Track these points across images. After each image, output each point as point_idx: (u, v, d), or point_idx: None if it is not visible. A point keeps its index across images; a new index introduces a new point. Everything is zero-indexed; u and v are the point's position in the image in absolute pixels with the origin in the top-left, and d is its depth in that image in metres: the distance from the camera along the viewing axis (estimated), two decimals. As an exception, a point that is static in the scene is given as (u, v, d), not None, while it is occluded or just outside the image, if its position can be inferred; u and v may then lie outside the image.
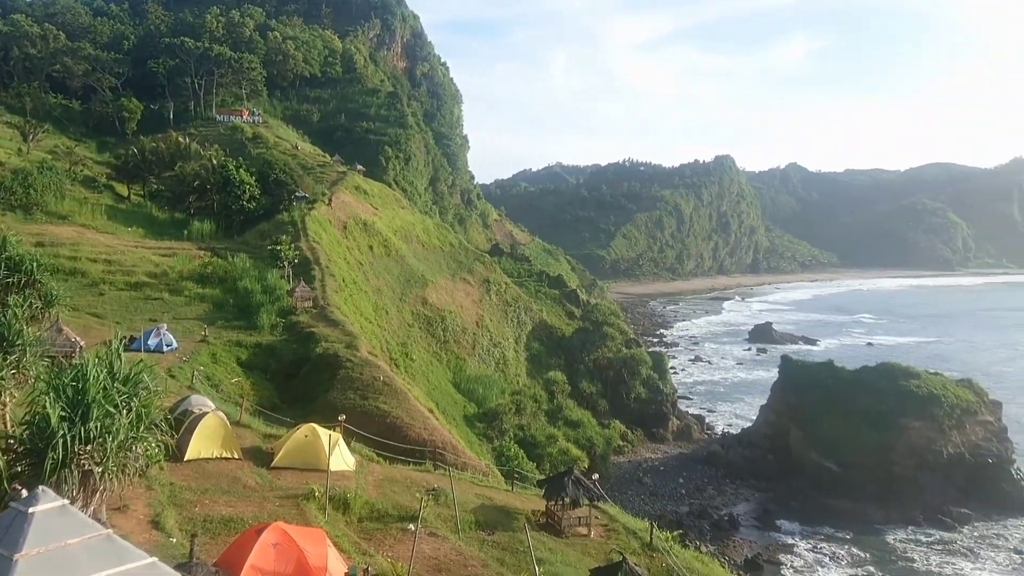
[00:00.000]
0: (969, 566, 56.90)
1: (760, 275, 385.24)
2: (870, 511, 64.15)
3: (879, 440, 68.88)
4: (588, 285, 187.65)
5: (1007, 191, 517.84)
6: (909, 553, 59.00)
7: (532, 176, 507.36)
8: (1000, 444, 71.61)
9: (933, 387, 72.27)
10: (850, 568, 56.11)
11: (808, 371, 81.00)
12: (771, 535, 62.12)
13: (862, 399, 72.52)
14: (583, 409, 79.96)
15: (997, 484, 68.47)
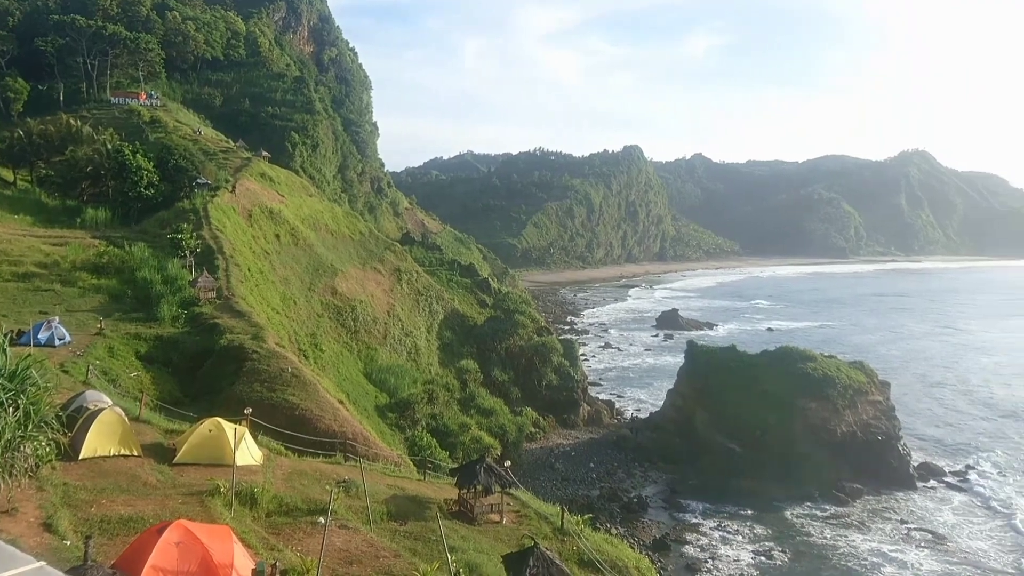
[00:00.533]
0: (860, 538, 60.05)
1: (667, 263, 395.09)
2: (771, 489, 66.89)
3: (779, 421, 71.87)
4: (500, 274, 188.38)
5: (895, 182, 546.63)
6: (806, 528, 61.83)
7: (443, 164, 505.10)
8: (888, 422, 75.75)
9: (828, 369, 75.79)
10: (752, 544, 58.39)
11: (712, 356, 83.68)
12: (678, 515, 64.01)
13: (763, 382, 75.48)
14: (495, 397, 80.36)
15: (886, 460, 72.45)
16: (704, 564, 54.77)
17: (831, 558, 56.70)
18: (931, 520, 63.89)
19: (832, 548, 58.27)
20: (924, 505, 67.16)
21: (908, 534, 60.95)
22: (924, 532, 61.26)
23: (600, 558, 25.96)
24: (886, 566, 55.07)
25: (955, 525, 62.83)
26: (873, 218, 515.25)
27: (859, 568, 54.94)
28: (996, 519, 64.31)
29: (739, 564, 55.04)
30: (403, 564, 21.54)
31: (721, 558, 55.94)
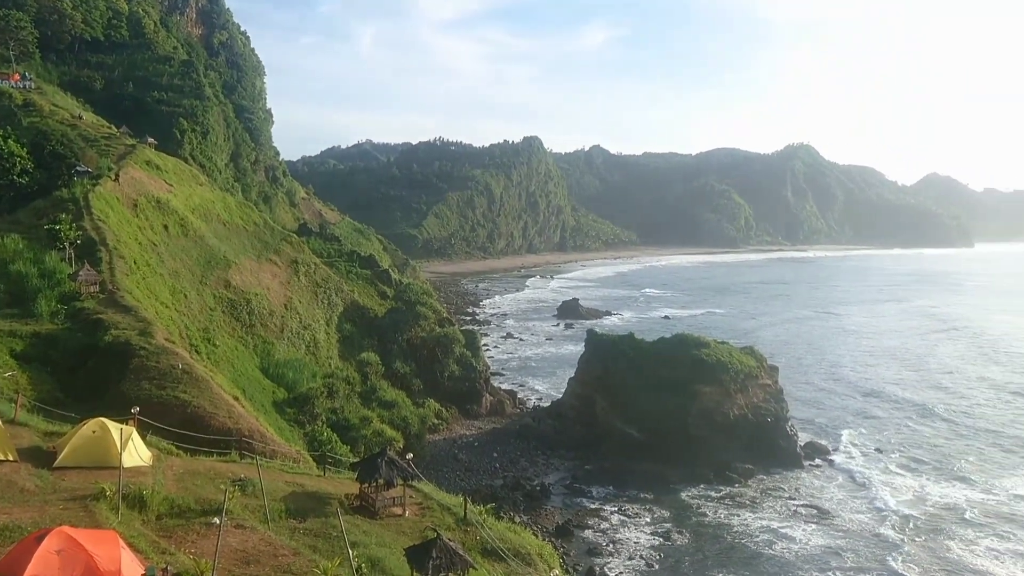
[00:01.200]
0: (751, 516, 62.68)
1: (567, 253, 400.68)
2: (669, 472, 68.95)
3: (675, 406, 74.10)
4: (400, 264, 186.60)
5: (782, 175, 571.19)
6: (702, 508, 64.06)
7: (341, 153, 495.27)
8: (777, 404, 79.28)
9: (721, 355, 78.60)
10: (650, 526, 60.08)
11: (611, 344, 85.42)
12: (580, 501, 65.16)
13: (660, 368, 77.64)
14: (397, 389, 79.64)
15: (775, 441, 75.83)
16: (605, 547, 56.00)
17: (725, 536, 58.98)
18: (817, 496, 67.30)
19: (726, 527, 60.60)
20: (810, 482, 70.66)
21: (796, 511, 64.00)
22: (810, 508, 64.47)
23: (503, 546, 26.12)
24: (777, 542, 57.66)
25: (839, 500, 66.38)
26: (762, 209, 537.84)
27: (752, 545, 57.35)
28: (871, 493, 68.22)
29: (638, 546, 56.56)
30: (303, 562, 21.06)
31: (621, 541, 57.33)
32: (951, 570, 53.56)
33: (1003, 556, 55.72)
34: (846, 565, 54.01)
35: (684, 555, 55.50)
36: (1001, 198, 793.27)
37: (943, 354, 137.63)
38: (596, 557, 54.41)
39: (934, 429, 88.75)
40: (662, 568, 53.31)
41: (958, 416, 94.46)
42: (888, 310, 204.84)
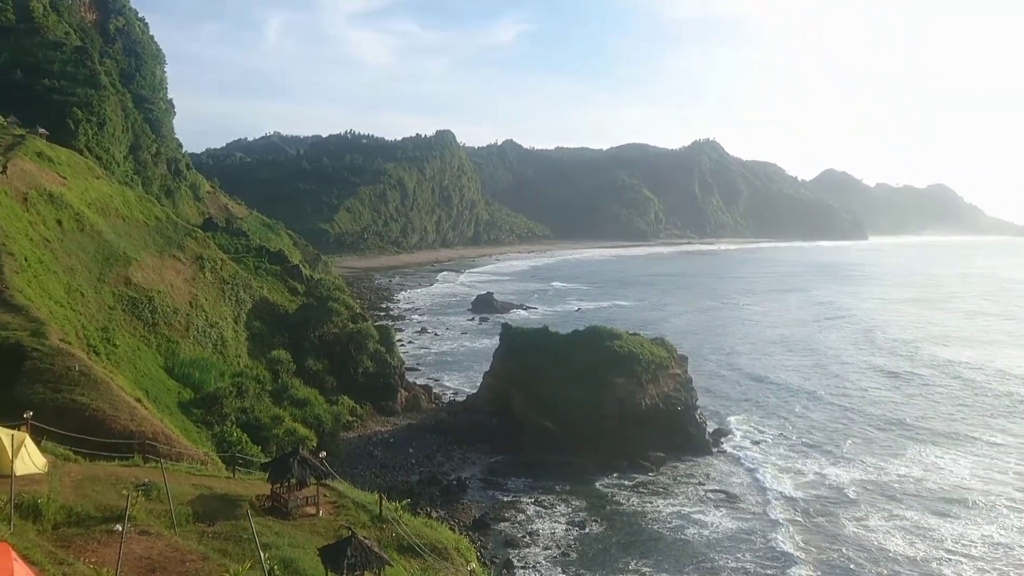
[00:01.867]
0: (664, 502, 64.25)
1: (481, 247, 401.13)
2: (584, 463, 69.95)
3: (589, 397, 75.18)
4: (312, 260, 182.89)
5: (689, 170, 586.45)
6: (616, 497, 65.26)
7: (248, 146, 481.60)
8: (687, 393, 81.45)
9: (632, 346, 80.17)
10: (566, 516, 60.85)
11: (526, 337, 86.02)
12: (497, 494, 65.41)
13: (574, 360, 78.60)
14: (310, 387, 78.06)
15: (685, 428, 77.91)
16: (522, 539, 56.42)
17: (639, 523, 60.27)
18: (725, 481, 69.49)
19: (640, 514, 61.93)
20: (719, 468, 72.90)
21: (705, 496, 65.93)
22: (719, 493, 66.52)
23: (419, 542, 25.98)
24: (688, 527, 59.26)
25: (745, 484, 68.74)
26: (671, 203, 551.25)
27: (665, 531, 58.79)
28: (773, 476, 70.94)
29: (554, 536, 57.22)
30: (212, 567, 20.41)
31: (538, 531, 57.88)
32: (846, 546, 56.23)
33: (893, 532, 58.92)
34: (754, 547, 55.97)
35: (599, 543, 56.46)
36: (892, 193, 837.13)
37: (835, 341, 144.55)
38: (513, 548, 54.78)
39: (828, 413, 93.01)
40: (578, 556, 54.09)
41: (849, 400, 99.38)
42: (788, 300, 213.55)
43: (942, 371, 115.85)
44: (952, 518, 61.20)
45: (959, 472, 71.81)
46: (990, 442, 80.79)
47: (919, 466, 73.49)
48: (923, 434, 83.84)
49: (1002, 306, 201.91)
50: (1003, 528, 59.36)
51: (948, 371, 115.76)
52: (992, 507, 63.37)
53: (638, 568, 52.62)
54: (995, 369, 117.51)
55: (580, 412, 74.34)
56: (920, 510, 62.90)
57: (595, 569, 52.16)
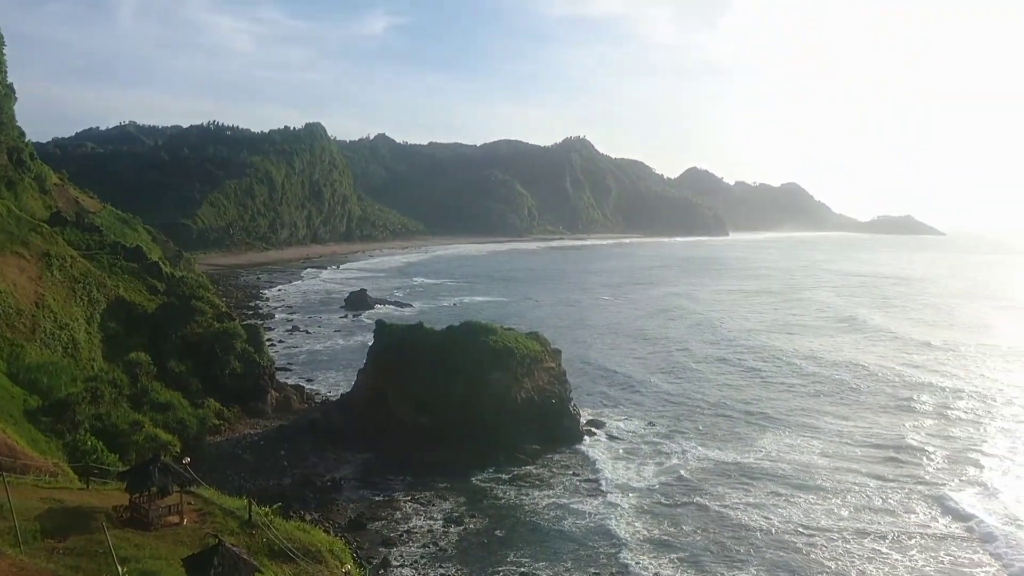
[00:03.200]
0: (540, 494, 65.18)
1: (354, 243, 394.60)
2: (461, 458, 69.89)
3: (466, 392, 75.25)
4: (173, 257, 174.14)
5: (561, 167, 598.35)
6: (494, 491, 65.64)
7: (101, 136, 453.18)
8: (561, 386, 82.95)
9: (507, 341, 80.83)
10: (444, 513, 60.67)
11: (400, 333, 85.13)
12: (373, 494, 64.42)
13: (449, 356, 78.41)
14: (172, 390, 74.25)
15: (560, 420, 79.35)
16: (399, 537, 55.83)
17: (517, 516, 60.85)
18: (599, 470, 71.21)
19: (518, 507, 62.53)
20: (594, 457, 74.64)
21: (581, 485, 67.38)
22: (593, 482, 68.13)
23: (291, 546, 25.18)
24: (566, 517, 60.33)
25: (618, 472, 70.60)
26: (543, 199, 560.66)
27: (542, 522, 59.62)
28: (645, 462, 73.46)
29: (432, 533, 56.95)
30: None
31: (415, 529, 57.44)
32: (710, 525, 58.99)
33: (750, 508, 62.20)
34: (628, 531, 57.65)
35: (477, 538, 56.63)
36: (749, 191, 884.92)
37: (697, 332, 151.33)
38: (390, 547, 54.13)
39: (692, 401, 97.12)
40: (456, 552, 54.07)
41: (710, 388, 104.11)
42: (653, 292, 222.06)
43: (796, 360, 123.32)
44: (802, 496, 65.05)
45: (809, 453, 76.37)
46: (832, 426, 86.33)
47: (775, 448, 77.76)
48: (780, 419, 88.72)
49: (846, 298, 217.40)
50: (846, 505, 63.71)
51: (801, 360, 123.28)
52: (839, 484, 67.78)
53: (517, 560, 53.15)
54: (844, 359, 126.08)
55: (456, 408, 74.31)
56: (775, 488, 66.58)
57: (473, 564, 52.29)
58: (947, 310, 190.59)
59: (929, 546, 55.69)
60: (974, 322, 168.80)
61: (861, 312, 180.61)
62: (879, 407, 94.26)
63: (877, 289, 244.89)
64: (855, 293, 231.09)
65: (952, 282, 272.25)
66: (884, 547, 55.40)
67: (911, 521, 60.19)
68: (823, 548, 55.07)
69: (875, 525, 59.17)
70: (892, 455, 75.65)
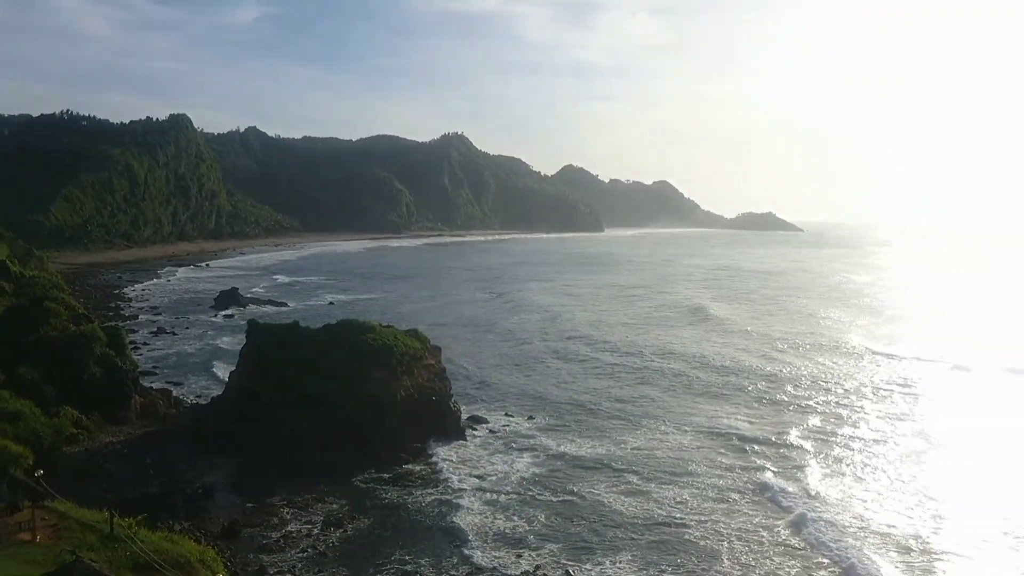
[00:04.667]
0: (422, 491, 64.70)
1: (224, 240, 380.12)
2: (341, 460, 68.37)
3: (344, 392, 73.69)
4: (23, 256, 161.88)
5: (439, 163, 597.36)
6: (376, 491, 64.62)
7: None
8: (441, 383, 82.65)
9: (386, 339, 79.74)
10: (324, 516, 59.13)
11: (275, 333, 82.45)
12: (248, 500, 62.03)
13: (327, 355, 76.59)
14: (23, 399, 68.75)
15: (441, 418, 79.03)
16: (276, 543, 54.01)
17: (400, 515, 60.13)
18: (480, 465, 71.48)
19: (401, 506, 61.83)
20: (476, 453, 74.84)
21: (463, 481, 67.32)
22: (476, 478, 68.25)
23: (158, 558, 23.82)
24: (449, 513, 60.14)
25: (499, 466, 71.10)
26: (422, 196, 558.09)
27: (426, 520, 59.19)
28: (525, 455, 74.36)
29: (312, 537, 55.44)
30: None
31: (293, 534, 55.76)
32: (585, 513, 60.34)
33: (623, 497, 64.19)
34: (508, 524, 58.10)
35: (360, 539, 55.60)
36: (623, 188, 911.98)
37: (575, 326, 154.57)
38: (266, 554, 52.25)
39: (571, 395, 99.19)
40: (337, 555, 52.87)
41: (589, 381, 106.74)
42: (531, 288, 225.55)
43: (666, 355, 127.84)
44: (672, 482, 67.44)
45: (680, 442, 79.24)
46: (696, 418, 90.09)
47: (646, 439, 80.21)
48: (652, 411, 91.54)
49: (713, 292, 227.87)
50: (710, 487, 66.76)
51: (678, 355, 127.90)
52: (704, 471, 70.58)
53: (400, 558, 52.53)
54: (707, 352, 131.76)
55: (335, 408, 72.67)
56: (644, 477, 68.69)
57: (354, 566, 51.25)
58: (784, 302, 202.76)
59: (747, 528, 58.15)
60: (806, 313, 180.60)
61: (711, 304, 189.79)
62: (732, 398, 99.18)
63: (732, 281, 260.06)
64: (710, 286, 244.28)
65: (796, 276, 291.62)
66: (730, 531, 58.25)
67: (741, 507, 62.94)
68: (692, 530, 57.37)
69: (719, 509, 62.17)
70: (736, 443, 79.11)
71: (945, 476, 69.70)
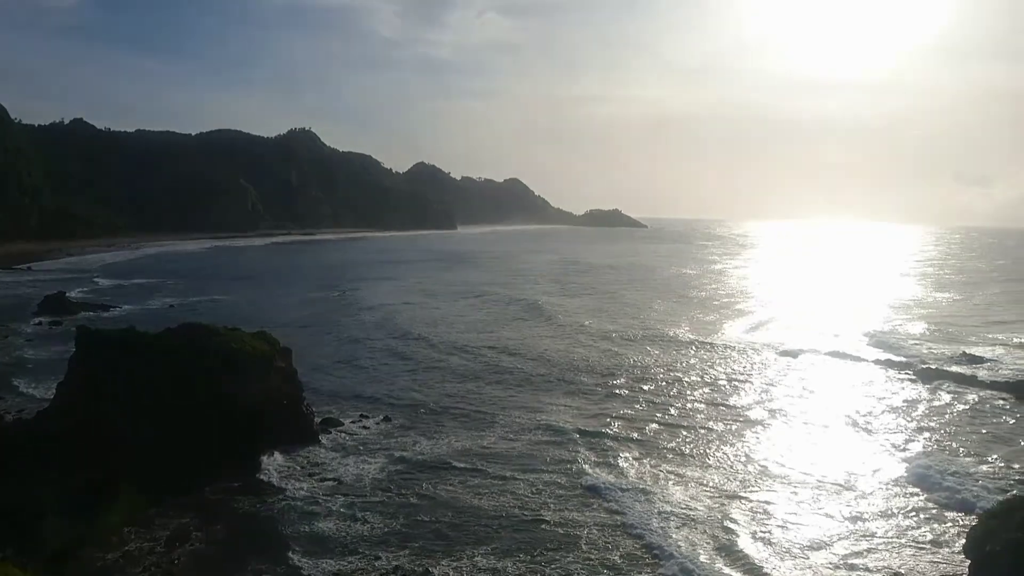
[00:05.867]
0: (275, 498, 62.58)
1: (48, 241, 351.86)
2: (187, 471, 64.74)
3: (188, 400, 70.01)
4: None
5: (287, 160, 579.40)
6: (228, 503, 61.77)
7: None
8: (292, 386, 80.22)
9: (232, 342, 76.38)
10: (172, 531, 56.10)
11: (108, 340, 76.92)
12: (82, 520, 57.77)
13: (167, 361, 72.48)
14: None
15: (293, 422, 76.73)
16: (116, 563, 50.78)
17: (253, 525, 57.98)
18: (336, 468, 70.11)
19: (253, 515, 59.65)
20: (329, 456, 73.32)
21: (320, 485, 65.85)
22: (332, 481, 66.92)
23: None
24: (305, 519, 58.50)
25: (356, 467, 69.97)
26: (269, 193, 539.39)
27: (281, 527, 57.28)
28: (382, 456, 73.67)
29: (154, 555, 52.45)
30: None
31: (135, 553, 52.57)
32: (443, 509, 60.43)
33: (479, 491, 64.90)
34: (365, 525, 57.41)
35: (209, 553, 53.17)
36: (475, 185, 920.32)
37: (430, 324, 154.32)
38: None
39: (427, 393, 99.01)
40: (185, 571, 50.33)
41: (443, 381, 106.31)
42: (384, 287, 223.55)
43: (517, 352, 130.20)
44: (524, 476, 68.51)
45: (530, 437, 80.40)
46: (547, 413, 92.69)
47: (498, 436, 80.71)
48: (501, 408, 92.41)
49: (560, 286, 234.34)
50: (563, 474, 68.92)
51: (524, 353, 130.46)
52: (551, 464, 72.16)
53: (255, 569, 50.62)
54: (550, 348, 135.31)
55: (178, 417, 68.89)
56: (496, 472, 69.36)
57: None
58: (622, 295, 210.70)
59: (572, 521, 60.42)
60: (641, 305, 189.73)
61: (558, 300, 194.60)
62: (574, 392, 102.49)
63: (579, 277, 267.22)
64: (559, 280, 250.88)
65: (635, 271, 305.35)
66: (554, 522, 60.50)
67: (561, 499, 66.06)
68: (546, 522, 58.91)
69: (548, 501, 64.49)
70: (572, 435, 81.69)
71: (760, 456, 74.46)
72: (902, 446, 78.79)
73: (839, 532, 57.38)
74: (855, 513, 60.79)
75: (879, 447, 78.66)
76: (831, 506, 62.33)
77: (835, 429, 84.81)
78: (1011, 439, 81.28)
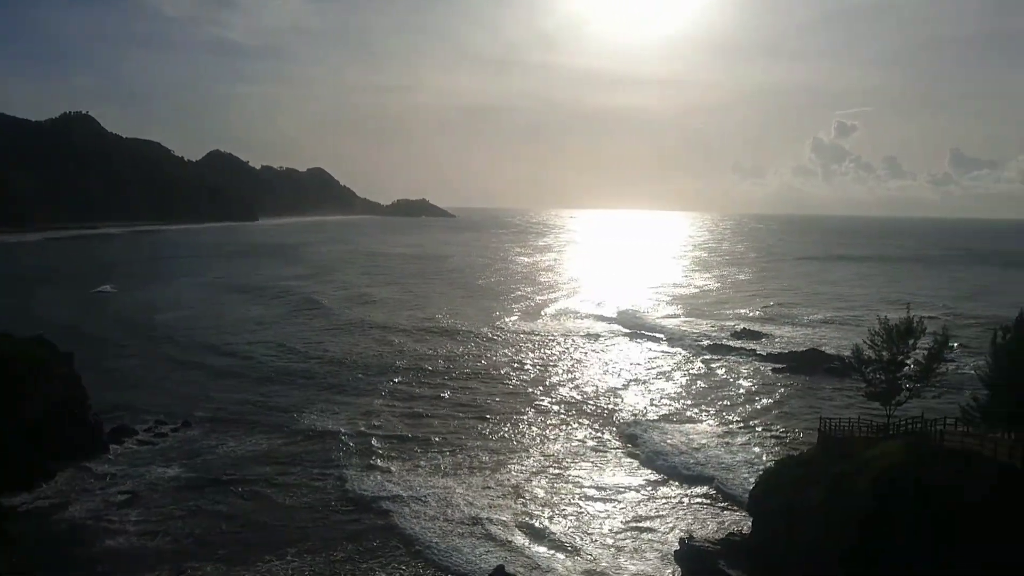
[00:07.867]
0: (66, 513, 57.92)
1: None
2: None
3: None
4: None
5: (63, 147, 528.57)
6: (5, 523, 56.06)
7: None
8: (76, 393, 74.22)
9: (2, 348, 69.81)
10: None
11: None
12: None
13: (-76, 374, 64.88)
14: None
15: (77, 432, 71.06)
16: None
17: (38, 545, 52.96)
18: (130, 478, 65.90)
19: (36, 535, 54.57)
20: (119, 468, 68.56)
21: (112, 498, 61.60)
22: (125, 493, 62.75)
23: None
24: (96, 536, 54.54)
25: (152, 477, 66.08)
26: (41, 185, 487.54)
27: (68, 547, 53.07)
28: (182, 462, 70.07)
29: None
30: None
31: None
32: (244, 512, 59.42)
33: (287, 489, 63.83)
34: (179, 532, 54.87)
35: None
36: (276, 175, 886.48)
37: (230, 324, 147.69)
38: None
39: (237, 391, 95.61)
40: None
41: (244, 381, 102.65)
42: (185, 283, 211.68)
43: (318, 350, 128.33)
44: (324, 473, 67.96)
45: (322, 435, 79.20)
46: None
47: (294, 435, 79.20)
48: (295, 408, 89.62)
49: (374, 278, 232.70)
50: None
51: (325, 350, 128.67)
52: (351, 461, 71.83)
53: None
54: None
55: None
56: (303, 470, 68.67)
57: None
58: (421, 287, 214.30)
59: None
60: (436, 294, 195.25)
61: (336, 293, 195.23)
62: (369, 390, 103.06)
63: (372, 266, 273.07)
64: (368, 272, 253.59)
65: (431, 262, 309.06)
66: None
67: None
68: (350, 519, 58.98)
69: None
70: (371, 432, 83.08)
71: (517, 441, 79.30)
72: (692, 416, 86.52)
73: (630, 500, 62.50)
74: (623, 484, 65.51)
75: (654, 417, 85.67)
76: (613, 477, 67.76)
77: (600, 405, 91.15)
78: (780, 404, 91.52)
